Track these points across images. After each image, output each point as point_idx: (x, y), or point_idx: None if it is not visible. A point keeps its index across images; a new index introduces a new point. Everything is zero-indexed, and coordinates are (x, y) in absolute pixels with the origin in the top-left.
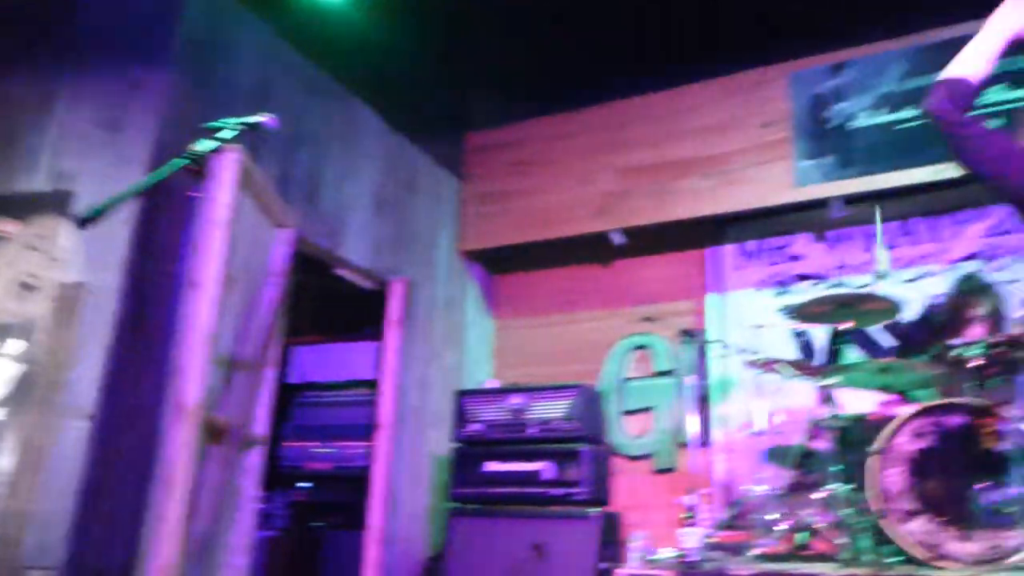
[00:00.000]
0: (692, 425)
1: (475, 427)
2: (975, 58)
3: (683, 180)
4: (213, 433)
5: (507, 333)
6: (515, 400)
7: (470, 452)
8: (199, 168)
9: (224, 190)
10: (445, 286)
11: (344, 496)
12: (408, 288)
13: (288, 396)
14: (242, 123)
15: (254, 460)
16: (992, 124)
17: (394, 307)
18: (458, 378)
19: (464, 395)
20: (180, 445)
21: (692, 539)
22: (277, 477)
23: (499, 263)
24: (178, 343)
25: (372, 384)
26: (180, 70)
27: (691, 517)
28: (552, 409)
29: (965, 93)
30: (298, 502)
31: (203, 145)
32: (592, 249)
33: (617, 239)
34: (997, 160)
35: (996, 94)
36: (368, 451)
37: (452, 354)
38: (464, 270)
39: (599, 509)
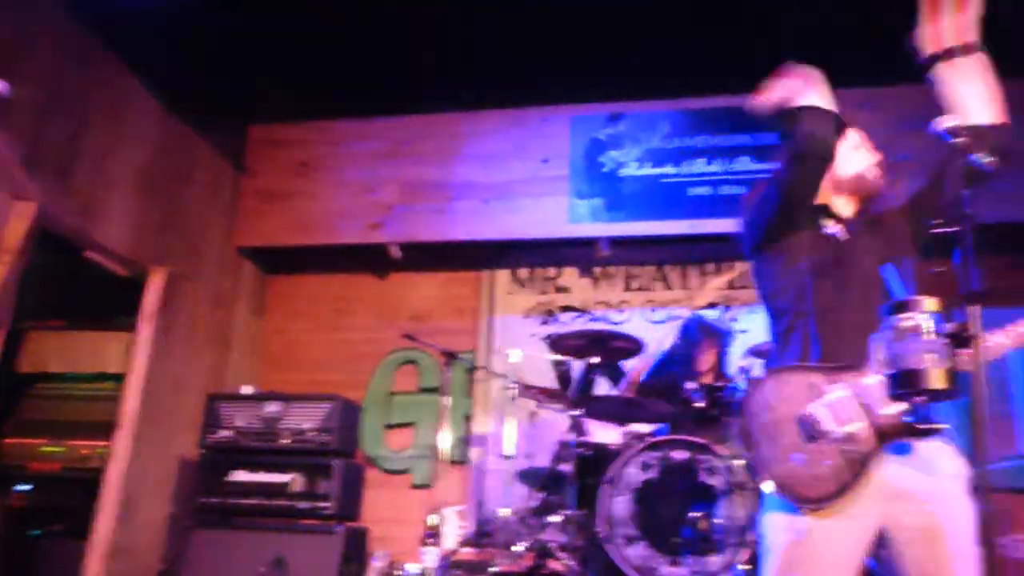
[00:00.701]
0: (452, 443)
1: (225, 433)
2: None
3: (464, 202)
4: None
5: (277, 336)
6: (270, 408)
7: (217, 460)
8: None
9: None
10: (213, 281)
11: (72, 501)
12: (170, 279)
13: (16, 387)
14: None
15: None
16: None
17: (151, 298)
18: (219, 379)
19: (216, 399)
20: None
21: (433, 557)
22: None
23: (274, 263)
24: None
25: (120, 379)
26: None
27: (435, 535)
28: (307, 419)
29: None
30: (13, 507)
31: None
32: (370, 259)
33: (396, 252)
34: None
35: (742, 165)
36: (106, 452)
37: (215, 353)
38: (237, 267)
39: (345, 524)
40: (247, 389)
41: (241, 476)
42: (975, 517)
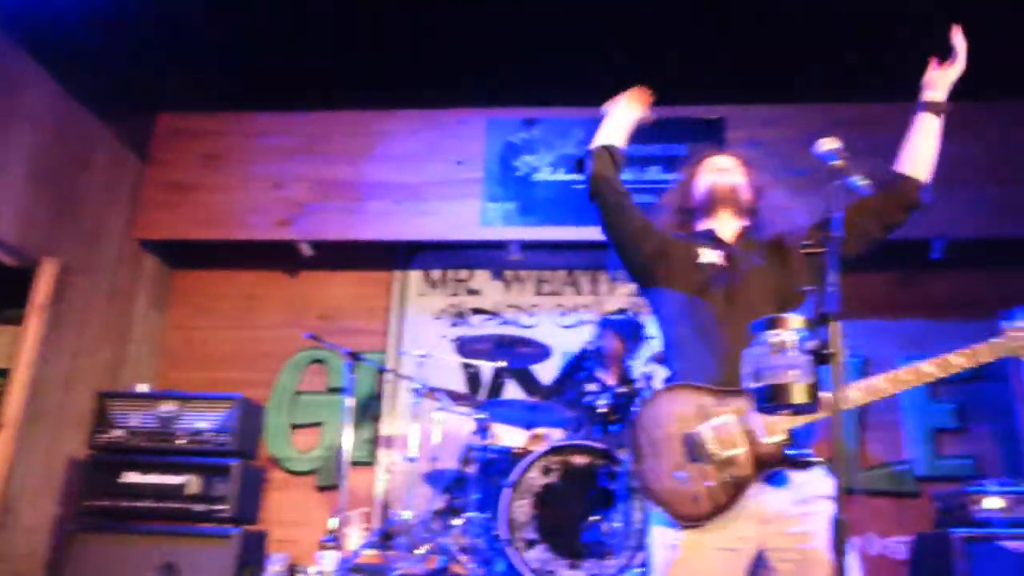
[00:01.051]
0: (358, 445)
1: (117, 433)
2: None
3: (375, 202)
4: None
5: (180, 333)
6: (166, 407)
7: (108, 461)
8: None
9: None
10: (112, 274)
11: None
12: (62, 270)
13: None
14: None
15: None
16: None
17: (41, 290)
18: (115, 376)
19: (108, 397)
20: None
21: (330, 560)
22: None
23: (179, 257)
24: None
25: (4, 374)
26: None
27: (335, 538)
28: (205, 420)
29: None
30: None
31: None
32: (279, 256)
33: (306, 250)
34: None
35: (652, 175)
36: None
37: (111, 349)
38: (138, 260)
39: (242, 528)
40: (142, 387)
41: (133, 478)
42: (834, 528)
